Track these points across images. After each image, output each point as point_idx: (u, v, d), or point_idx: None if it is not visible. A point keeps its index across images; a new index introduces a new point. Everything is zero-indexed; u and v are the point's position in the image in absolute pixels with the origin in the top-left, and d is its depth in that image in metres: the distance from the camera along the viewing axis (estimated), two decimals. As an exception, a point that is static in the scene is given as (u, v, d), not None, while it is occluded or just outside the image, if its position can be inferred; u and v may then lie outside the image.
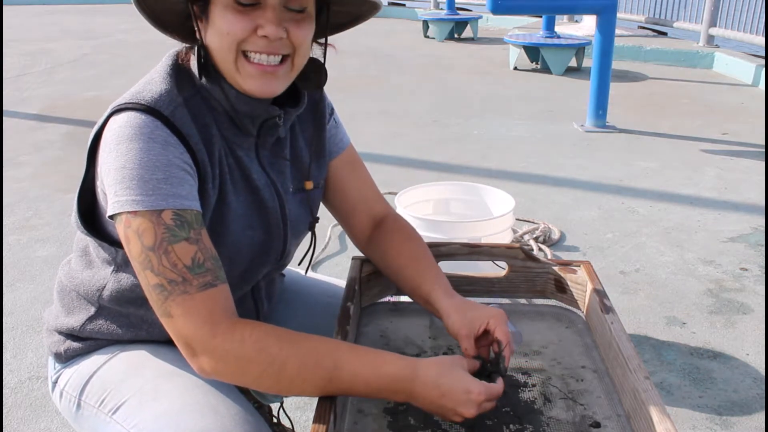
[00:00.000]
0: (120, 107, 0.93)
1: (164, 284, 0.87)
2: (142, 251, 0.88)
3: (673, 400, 1.91)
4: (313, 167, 1.13)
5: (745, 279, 2.61)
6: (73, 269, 1.11)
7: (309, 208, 1.15)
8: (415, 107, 5.33)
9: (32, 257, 2.81)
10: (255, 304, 1.16)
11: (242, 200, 1.02)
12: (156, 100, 0.92)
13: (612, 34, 4.42)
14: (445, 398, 0.87)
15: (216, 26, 0.93)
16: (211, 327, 0.87)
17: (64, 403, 1.10)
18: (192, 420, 0.93)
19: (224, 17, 0.92)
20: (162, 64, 0.99)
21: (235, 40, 0.92)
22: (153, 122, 0.90)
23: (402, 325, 1.20)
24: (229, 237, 1.01)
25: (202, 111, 0.97)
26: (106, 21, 11.00)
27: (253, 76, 0.95)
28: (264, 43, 0.93)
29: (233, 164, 1.01)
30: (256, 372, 0.88)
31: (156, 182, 0.88)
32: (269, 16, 0.92)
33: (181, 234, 0.88)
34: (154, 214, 0.88)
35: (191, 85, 0.97)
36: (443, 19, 9.06)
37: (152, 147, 0.89)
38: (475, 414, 0.87)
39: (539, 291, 1.26)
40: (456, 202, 2.20)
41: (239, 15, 0.92)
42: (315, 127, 1.14)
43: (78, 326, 1.09)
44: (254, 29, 0.92)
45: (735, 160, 4.04)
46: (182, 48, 1.02)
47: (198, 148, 0.94)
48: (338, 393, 0.89)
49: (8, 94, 5.73)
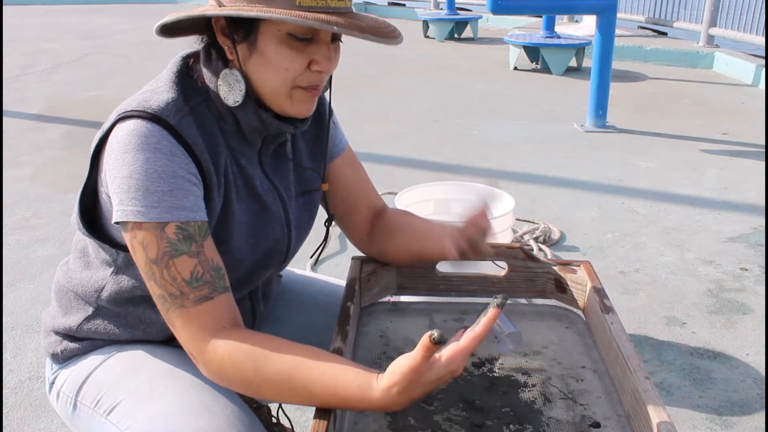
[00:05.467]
0: (127, 114, 0.92)
1: (165, 296, 0.90)
2: (146, 263, 0.90)
3: (673, 400, 1.91)
4: (314, 170, 1.14)
5: (745, 279, 2.61)
6: (71, 269, 1.11)
7: (311, 212, 1.15)
8: (415, 107, 5.33)
9: (32, 257, 2.81)
10: (252, 305, 1.17)
11: (246, 208, 1.03)
12: (163, 109, 0.92)
13: (612, 34, 4.42)
14: (413, 391, 0.82)
15: (269, 59, 0.92)
16: (200, 342, 0.90)
17: (61, 403, 1.10)
18: (186, 421, 0.93)
19: (280, 52, 0.92)
20: (168, 71, 0.99)
21: (293, 76, 0.93)
22: (160, 132, 0.90)
23: (402, 325, 1.20)
24: (232, 244, 1.01)
25: (208, 120, 0.97)
26: (106, 21, 10.99)
27: (304, 101, 0.97)
28: (317, 76, 0.95)
29: (237, 173, 1.01)
30: (238, 388, 0.91)
31: (161, 194, 0.89)
32: (324, 52, 0.94)
33: (182, 248, 0.90)
34: (158, 227, 0.89)
35: (198, 94, 0.97)
36: (443, 19, 9.06)
37: (158, 158, 0.89)
38: (458, 371, 0.83)
39: (539, 291, 1.26)
40: (456, 202, 2.20)
41: (295, 51, 0.92)
42: (316, 129, 1.15)
43: (75, 326, 1.09)
44: (309, 64, 0.94)
45: (735, 160, 4.04)
46: (188, 55, 1.01)
47: (204, 158, 0.94)
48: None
49: (8, 94, 5.73)
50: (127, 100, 0.95)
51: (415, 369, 0.81)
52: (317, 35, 0.93)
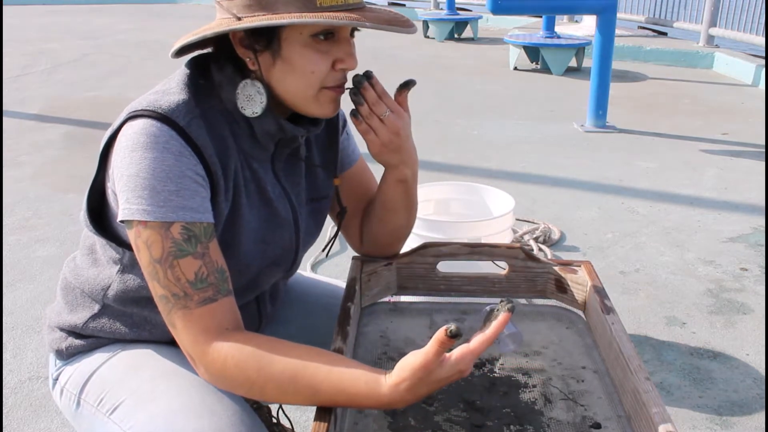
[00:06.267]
0: (136, 113, 0.92)
1: (168, 297, 0.90)
2: (150, 262, 0.89)
3: (673, 400, 1.91)
4: (324, 177, 1.14)
5: (745, 279, 2.61)
6: (78, 266, 1.11)
7: (318, 219, 1.16)
8: (415, 107, 5.28)
9: (32, 257, 2.81)
10: (258, 308, 1.17)
11: (256, 213, 1.02)
12: (173, 109, 0.92)
13: (612, 34, 4.42)
14: (421, 388, 0.84)
15: (295, 65, 0.93)
16: (203, 344, 0.89)
17: (64, 400, 1.10)
18: (187, 421, 0.93)
19: (305, 55, 0.92)
20: (180, 73, 0.98)
21: (320, 78, 0.94)
22: (168, 132, 0.90)
23: (402, 326, 1.20)
24: (240, 249, 1.01)
25: (219, 123, 0.97)
26: (106, 21, 10.98)
27: (330, 101, 0.98)
28: (342, 75, 0.96)
29: (249, 177, 1.01)
30: (241, 390, 0.91)
31: (168, 194, 0.88)
32: (347, 49, 0.94)
33: (187, 248, 0.89)
34: (164, 226, 0.88)
35: (209, 98, 0.97)
36: (443, 19, 9.07)
37: (166, 157, 0.89)
38: (466, 371, 0.84)
39: (539, 291, 1.26)
40: (456, 202, 2.20)
41: (320, 53, 0.92)
42: (328, 136, 1.15)
43: (81, 324, 1.09)
44: (333, 63, 0.94)
45: (735, 160, 4.04)
46: (199, 57, 1.01)
47: (212, 161, 0.93)
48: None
49: (8, 94, 5.73)
50: (137, 99, 0.95)
51: (426, 365, 0.81)
52: (339, 34, 0.93)
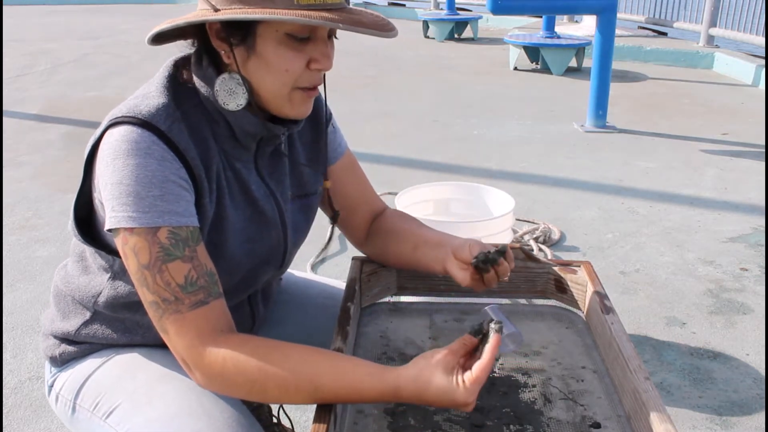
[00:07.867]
0: (117, 120, 0.91)
1: (159, 302, 0.89)
2: (138, 269, 0.89)
3: (673, 400, 1.91)
4: (310, 173, 1.13)
5: (745, 279, 2.61)
6: (69, 274, 1.11)
7: (307, 215, 1.15)
8: (415, 107, 5.33)
9: (32, 257, 2.81)
10: (251, 308, 1.16)
11: (241, 213, 1.02)
12: (153, 114, 0.91)
13: (612, 34, 4.42)
14: (434, 404, 0.86)
15: (269, 61, 0.92)
16: (198, 347, 0.88)
17: (60, 406, 1.10)
18: (185, 424, 0.93)
19: (279, 53, 0.91)
20: (159, 75, 0.98)
21: (293, 77, 0.93)
22: (150, 137, 0.90)
23: (402, 326, 1.20)
24: (227, 250, 1.01)
25: (200, 125, 0.96)
26: (106, 21, 10.98)
27: (303, 102, 0.97)
28: (317, 75, 0.95)
29: (232, 177, 1.00)
30: (241, 391, 0.90)
31: (152, 199, 0.88)
32: (323, 49, 0.93)
33: (175, 253, 0.89)
34: (150, 232, 0.88)
35: (189, 99, 0.96)
36: (443, 20, 9.06)
37: (149, 163, 0.88)
38: (471, 405, 0.85)
39: (539, 291, 1.26)
40: (456, 202, 2.20)
41: (295, 52, 0.91)
42: (313, 132, 1.14)
43: (73, 331, 1.09)
44: (308, 63, 0.93)
45: (735, 160, 4.04)
46: (179, 59, 1.00)
47: (195, 164, 0.93)
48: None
49: (8, 94, 5.72)
50: (118, 106, 0.95)
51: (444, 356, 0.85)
52: (315, 33, 0.92)
